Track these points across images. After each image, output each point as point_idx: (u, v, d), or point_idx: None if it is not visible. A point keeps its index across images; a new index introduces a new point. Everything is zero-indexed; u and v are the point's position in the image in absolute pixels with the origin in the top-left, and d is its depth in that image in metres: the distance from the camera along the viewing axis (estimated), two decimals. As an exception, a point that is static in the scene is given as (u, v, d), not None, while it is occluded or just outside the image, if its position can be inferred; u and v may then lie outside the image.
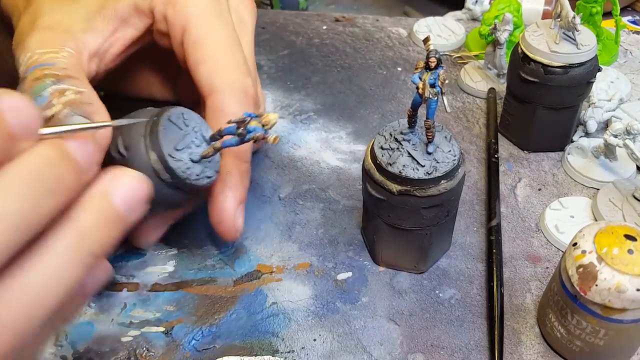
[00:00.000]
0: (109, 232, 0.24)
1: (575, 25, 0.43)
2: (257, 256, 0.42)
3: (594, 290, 0.30)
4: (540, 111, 0.46)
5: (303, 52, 0.62)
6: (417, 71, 0.33)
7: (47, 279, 0.22)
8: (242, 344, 0.36)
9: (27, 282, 0.21)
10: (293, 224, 0.44)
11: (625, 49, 0.60)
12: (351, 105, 0.55)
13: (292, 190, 0.46)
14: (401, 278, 0.40)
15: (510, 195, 0.45)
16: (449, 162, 0.34)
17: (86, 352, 0.36)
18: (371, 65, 0.60)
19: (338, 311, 0.38)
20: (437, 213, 0.36)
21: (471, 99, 0.55)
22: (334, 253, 0.42)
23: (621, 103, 0.50)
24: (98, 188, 0.25)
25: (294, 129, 0.52)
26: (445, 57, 0.60)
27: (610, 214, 0.41)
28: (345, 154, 0.50)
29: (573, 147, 0.48)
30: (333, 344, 0.36)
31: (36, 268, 0.22)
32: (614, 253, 0.30)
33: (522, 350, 0.36)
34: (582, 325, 0.32)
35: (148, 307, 0.39)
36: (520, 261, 0.41)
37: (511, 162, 0.48)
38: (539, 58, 0.44)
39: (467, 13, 0.66)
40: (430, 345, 0.36)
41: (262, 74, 0.59)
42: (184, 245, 0.42)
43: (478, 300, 0.38)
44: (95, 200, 0.24)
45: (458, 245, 0.42)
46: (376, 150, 0.35)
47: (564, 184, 0.46)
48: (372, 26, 0.65)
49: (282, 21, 0.67)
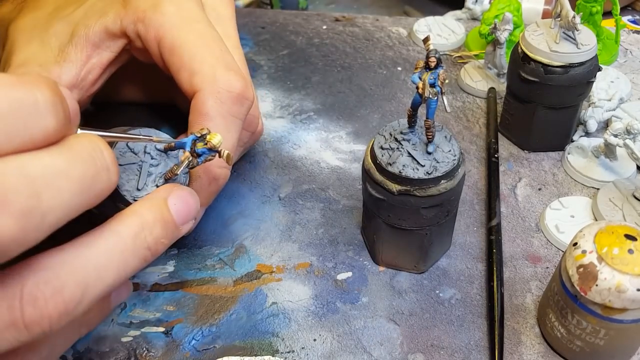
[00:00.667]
0: (165, 232, 0.27)
1: (575, 25, 0.43)
2: (257, 256, 0.42)
3: (594, 290, 0.30)
4: (540, 111, 0.46)
5: (303, 51, 0.62)
6: (417, 71, 0.33)
7: (110, 256, 0.25)
8: (242, 344, 0.36)
9: (92, 254, 0.24)
10: (293, 223, 0.44)
11: (626, 49, 0.60)
12: (351, 105, 0.55)
13: (292, 190, 0.46)
14: (401, 278, 0.40)
15: (510, 195, 0.45)
16: (449, 161, 0.34)
17: (86, 352, 0.36)
18: (371, 64, 0.60)
19: (338, 311, 0.38)
20: (437, 213, 0.36)
21: (471, 98, 0.55)
22: (334, 253, 0.42)
23: (621, 103, 0.50)
24: (158, 192, 0.28)
25: (294, 128, 0.52)
26: (445, 57, 0.60)
27: (611, 213, 0.41)
28: (345, 153, 0.50)
29: (573, 147, 0.48)
30: (333, 344, 0.36)
31: (101, 244, 0.25)
32: (614, 253, 0.30)
33: (522, 350, 0.36)
34: (583, 325, 0.32)
35: (148, 307, 0.39)
36: (521, 261, 0.41)
37: (511, 161, 0.48)
38: (539, 58, 0.44)
39: (467, 12, 0.66)
40: (430, 345, 0.36)
41: (262, 73, 0.59)
42: (184, 245, 0.42)
43: (478, 300, 0.38)
44: (155, 202, 0.28)
45: (458, 245, 0.42)
46: (376, 150, 0.35)
47: (564, 183, 0.46)
48: (372, 26, 0.65)
49: (282, 21, 0.67)
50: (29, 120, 0.21)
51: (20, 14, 0.40)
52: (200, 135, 0.30)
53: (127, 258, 0.25)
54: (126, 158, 0.32)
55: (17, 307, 0.22)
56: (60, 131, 0.23)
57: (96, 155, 0.24)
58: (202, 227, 0.43)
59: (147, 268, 0.41)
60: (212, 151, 0.30)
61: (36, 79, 0.22)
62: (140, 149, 0.33)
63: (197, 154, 0.31)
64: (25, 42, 0.37)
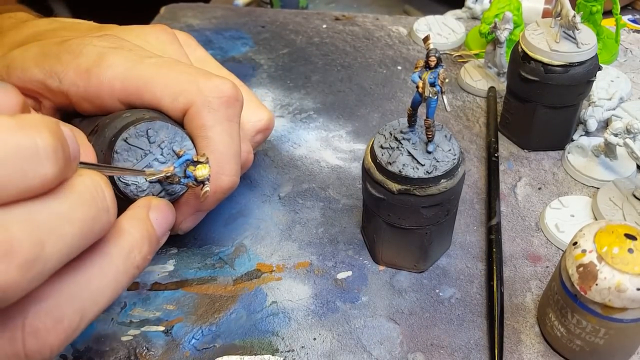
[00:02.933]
0: (150, 248, 0.28)
1: (575, 24, 0.43)
2: (257, 255, 0.42)
3: (594, 290, 0.30)
4: (540, 110, 0.46)
5: (303, 50, 0.62)
6: (417, 70, 0.33)
7: (104, 280, 0.25)
8: (242, 343, 0.36)
9: (88, 280, 0.24)
10: (293, 223, 0.44)
11: (626, 48, 0.60)
12: (351, 104, 0.55)
13: (292, 189, 0.46)
14: (401, 277, 0.40)
15: (510, 194, 0.45)
16: (448, 161, 0.34)
17: (86, 351, 0.36)
18: (371, 64, 0.60)
19: (338, 310, 0.38)
20: (437, 212, 0.36)
21: (471, 97, 0.55)
22: (334, 252, 0.42)
23: (621, 102, 0.49)
24: (139, 207, 0.29)
25: (294, 127, 0.52)
26: (445, 56, 0.60)
27: (611, 213, 0.41)
28: (345, 153, 0.50)
29: (573, 146, 0.48)
30: (333, 343, 0.36)
31: (95, 268, 0.25)
32: (614, 252, 0.30)
33: (522, 350, 0.36)
34: (582, 324, 0.32)
35: (148, 306, 0.39)
36: (520, 260, 0.41)
37: (511, 161, 0.48)
38: (539, 57, 0.43)
39: (467, 12, 0.66)
40: (430, 345, 0.36)
41: (262, 72, 0.59)
42: (184, 245, 0.42)
43: (478, 300, 0.38)
44: (140, 218, 0.28)
45: (458, 245, 0.42)
46: (376, 149, 0.35)
47: (564, 182, 0.46)
48: (372, 25, 0.65)
49: (282, 20, 0.67)
50: (28, 167, 0.21)
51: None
52: (196, 160, 0.32)
53: (119, 279, 0.26)
54: (139, 141, 0.33)
55: (19, 339, 0.22)
56: (60, 177, 0.22)
57: (98, 197, 0.24)
58: (202, 227, 0.43)
59: (147, 267, 0.41)
60: (197, 181, 0.32)
61: (37, 122, 0.21)
62: (156, 140, 0.33)
63: (185, 175, 0.32)
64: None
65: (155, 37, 0.39)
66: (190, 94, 0.35)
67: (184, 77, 0.35)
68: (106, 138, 0.33)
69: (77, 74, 0.35)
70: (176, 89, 0.35)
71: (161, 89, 0.35)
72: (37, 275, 0.21)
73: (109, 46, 0.36)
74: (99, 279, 0.25)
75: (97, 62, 0.35)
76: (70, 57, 0.35)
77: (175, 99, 0.35)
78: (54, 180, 0.22)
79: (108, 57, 0.35)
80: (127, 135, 0.32)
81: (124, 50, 0.36)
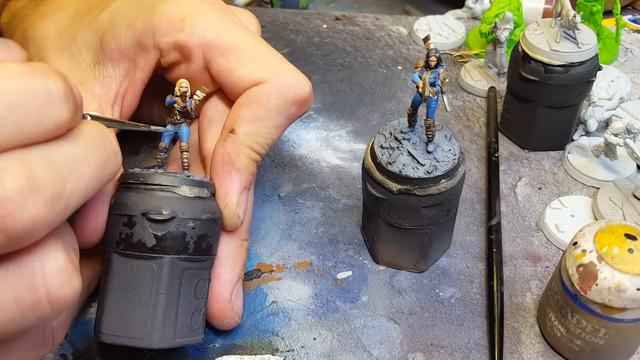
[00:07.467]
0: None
1: (575, 24, 0.43)
2: (257, 255, 0.42)
3: (594, 290, 0.30)
4: (540, 110, 0.46)
5: (303, 50, 0.62)
6: (417, 70, 0.33)
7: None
8: (242, 343, 0.36)
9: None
10: (293, 222, 0.44)
11: (626, 48, 0.60)
12: (351, 104, 0.55)
13: (292, 189, 0.46)
14: (401, 277, 0.40)
15: (510, 194, 0.45)
16: (449, 161, 0.34)
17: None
18: (371, 64, 0.60)
19: (338, 310, 0.38)
20: (437, 212, 0.36)
21: (471, 97, 0.55)
22: (334, 252, 0.42)
23: (621, 102, 0.50)
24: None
25: (294, 127, 0.52)
26: (446, 56, 0.60)
27: (611, 213, 0.41)
28: (346, 152, 0.50)
29: (573, 146, 0.48)
30: (333, 343, 0.36)
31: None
32: (614, 252, 0.30)
33: (522, 350, 0.36)
34: (582, 324, 0.32)
35: (148, 306, 0.39)
36: (521, 260, 0.41)
37: (511, 161, 0.48)
38: (539, 57, 0.43)
39: (467, 12, 0.66)
40: (430, 344, 0.36)
41: (262, 72, 0.59)
42: (184, 244, 0.42)
43: (478, 299, 0.38)
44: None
45: (458, 244, 0.42)
46: (376, 149, 0.35)
47: (564, 183, 0.46)
48: (373, 25, 0.65)
49: (282, 20, 0.67)
50: (43, 110, 0.22)
51: (37, 13, 0.39)
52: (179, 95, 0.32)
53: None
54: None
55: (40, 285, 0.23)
56: (71, 121, 0.23)
57: (106, 142, 0.25)
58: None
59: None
60: (189, 99, 0.33)
61: (47, 69, 0.22)
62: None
63: (183, 106, 0.33)
64: (55, 53, 0.37)
65: (242, 15, 0.41)
66: (275, 74, 0.35)
67: (275, 58, 0.36)
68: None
69: (171, 23, 0.35)
70: (263, 64, 0.35)
71: (249, 58, 0.35)
72: (62, 212, 0.22)
73: (205, 0, 0.37)
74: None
75: (192, 14, 0.36)
76: (165, 8, 0.36)
77: (257, 72, 0.35)
78: (66, 123, 0.23)
79: (205, 11, 0.36)
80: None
81: (221, 9, 0.37)
